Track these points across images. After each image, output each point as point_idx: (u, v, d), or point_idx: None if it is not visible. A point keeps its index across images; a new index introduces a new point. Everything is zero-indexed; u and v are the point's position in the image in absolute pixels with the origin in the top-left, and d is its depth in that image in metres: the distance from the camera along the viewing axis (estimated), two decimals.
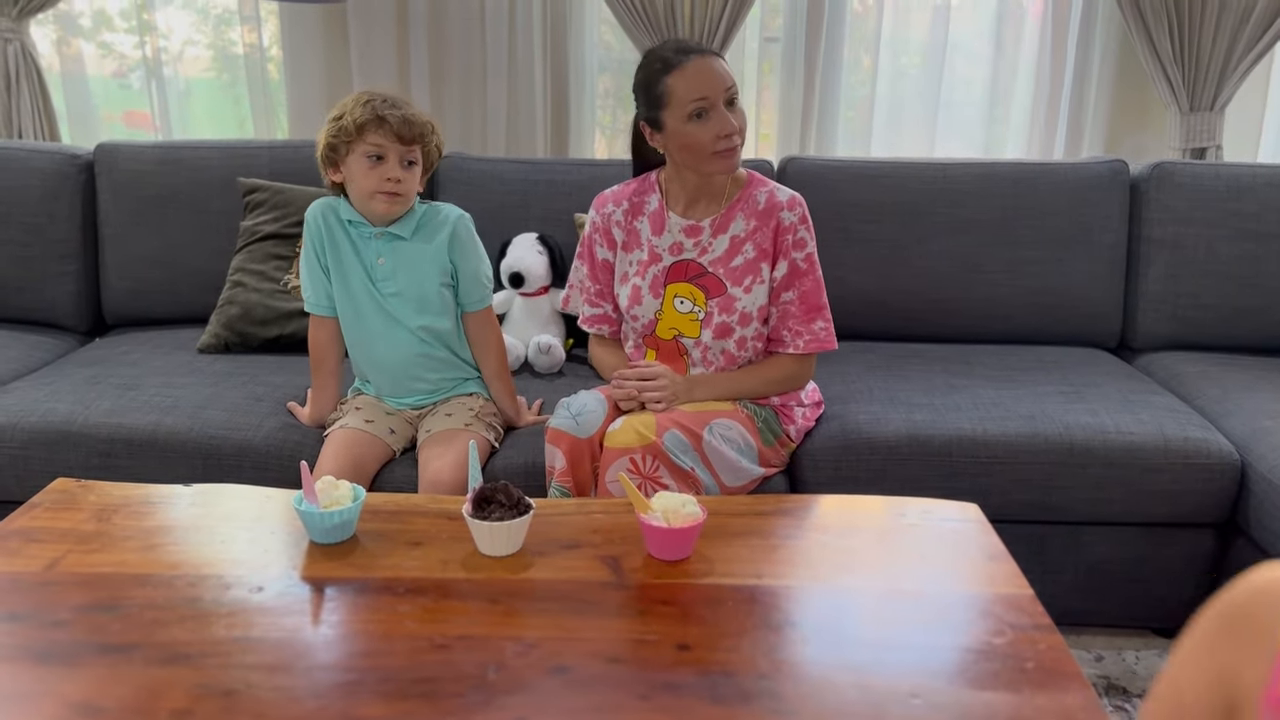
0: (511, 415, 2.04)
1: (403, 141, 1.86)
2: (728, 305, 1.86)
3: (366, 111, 1.84)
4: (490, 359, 2.02)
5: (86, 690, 1.11)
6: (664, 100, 1.77)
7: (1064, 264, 2.49)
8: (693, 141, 1.77)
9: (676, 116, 1.77)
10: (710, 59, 1.77)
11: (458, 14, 3.06)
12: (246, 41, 3.22)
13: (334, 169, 1.91)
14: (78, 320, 2.66)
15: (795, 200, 1.88)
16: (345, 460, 1.85)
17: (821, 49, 3.04)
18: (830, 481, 1.97)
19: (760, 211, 1.87)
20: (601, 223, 1.97)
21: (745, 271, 1.86)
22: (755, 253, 1.86)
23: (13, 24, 2.96)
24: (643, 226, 1.93)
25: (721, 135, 1.76)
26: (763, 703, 1.10)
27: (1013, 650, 1.19)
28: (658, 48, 1.83)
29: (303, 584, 1.33)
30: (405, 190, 1.89)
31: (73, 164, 2.62)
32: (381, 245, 1.94)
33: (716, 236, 1.88)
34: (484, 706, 1.09)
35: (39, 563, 1.36)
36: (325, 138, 1.89)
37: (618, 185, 1.99)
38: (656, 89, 1.78)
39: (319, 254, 1.96)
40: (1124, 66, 3.04)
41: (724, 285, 1.87)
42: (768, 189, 1.89)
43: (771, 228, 1.87)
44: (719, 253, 1.88)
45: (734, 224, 1.87)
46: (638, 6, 2.86)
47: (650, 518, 1.37)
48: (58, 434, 2.01)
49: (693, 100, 1.75)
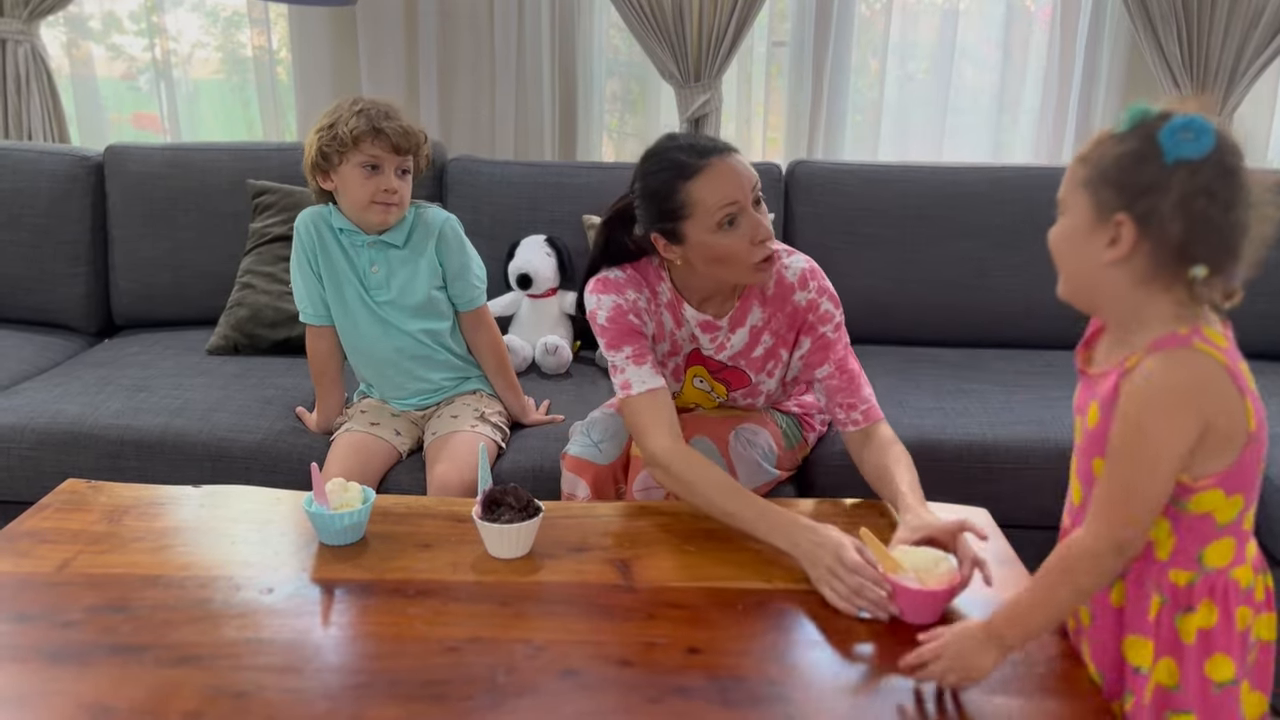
0: (517, 412, 2.04)
1: (399, 152, 1.86)
2: (753, 392, 1.78)
3: (362, 122, 1.82)
4: (488, 357, 2.03)
5: (98, 690, 1.11)
6: (685, 211, 1.54)
7: None
8: (726, 253, 1.56)
9: (702, 227, 1.54)
10: (732, 157, 1.56)
11: (466, 17, 3.07)
12: (255, 44, 3.23)
13: (325, 177, 1.90)
14: (87, 322, 2.67)
15: (805, 276, 1.68)
16: (352, 464, 1.85)
17: (829, 53, 3.04)
18: (840, 486, 1.96)
19: (772, 298, 1.70)
20: (628, 305, 1.65)
21: (767, 358, 1.75)
22: (774, 340, 1.73)
23: (23, 26, 2.97)
24: (665, 318, 1.72)
25: (757, 241, 1.55)
26: (773, 707, 1.10)
27: (1024, 655, 1.19)
28: (665, 149, 1.59)
29: (313, 586, 1.33)
30: (401, 200, 1.89)
31: (82, 166, 2.63)
32: (375, 253, 1.95)
33: (734, 331, 1.71)
34: (494, 709, 1.09)
35: (50, 564, 1.36)
36: (317, 145, 1.87)
37: (617, 272, 1.69)
38: (674, 199, 1.54)
39: (311, 263, 1.95)
40: (1132, 71, 3.04)
41: (747, 376, 1.76)
42: (775, 270, 1.68)
43: (787, 314, 1.70)
44: (738, 347, 1.72)
45: (750, 315, 1.71)
46: (646, 11, 2.86)
47: (902, 578, 1.26)
48: (67, 435, 2.01)
49: (722, 208, 1.52)
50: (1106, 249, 1.08)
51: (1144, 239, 1.06)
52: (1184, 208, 1.04)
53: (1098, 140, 1.10)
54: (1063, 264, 1.16)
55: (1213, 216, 1.04)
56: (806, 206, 2.57)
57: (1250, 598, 1.14)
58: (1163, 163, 1.04)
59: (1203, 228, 1.04)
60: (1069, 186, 1.12)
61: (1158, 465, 1.06)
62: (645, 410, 1.58)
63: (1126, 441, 1.08)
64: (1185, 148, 1.03)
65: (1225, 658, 1.11)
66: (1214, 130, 1.04)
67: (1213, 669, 1.11)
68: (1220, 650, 1.11)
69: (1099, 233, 1.09)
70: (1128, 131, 1.07)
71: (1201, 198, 1.04)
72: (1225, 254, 1.06)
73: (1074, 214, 1.11)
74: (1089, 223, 1.09)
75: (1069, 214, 1.13)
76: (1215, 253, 1.05)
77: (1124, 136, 1.07)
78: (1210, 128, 1.04)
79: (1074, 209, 1.11)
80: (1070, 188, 1.12)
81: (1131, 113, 1.08)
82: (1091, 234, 1.09)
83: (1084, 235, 1.10)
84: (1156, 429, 1.06)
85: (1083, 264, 1.12)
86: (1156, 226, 1.05)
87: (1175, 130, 1.04)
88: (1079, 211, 1.10)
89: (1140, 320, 1.10)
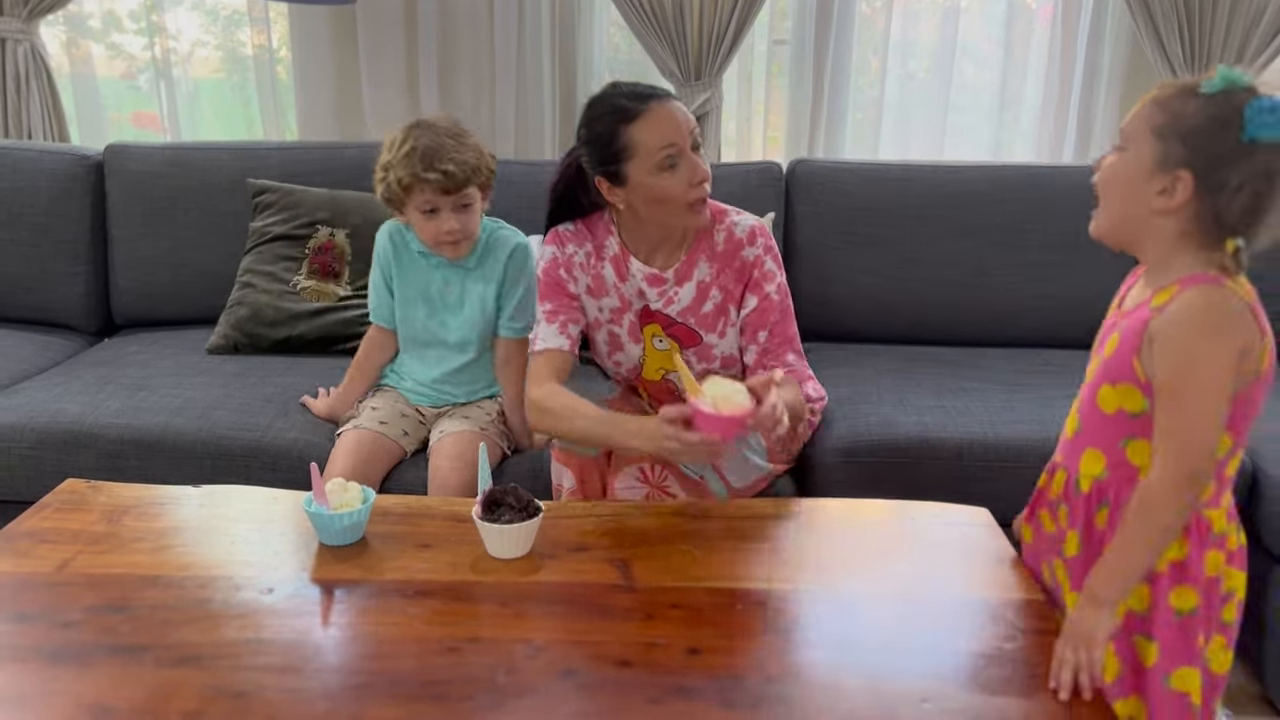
0: (524, 443, 2.03)
1: (449, 194, 1.84)
2: (705, 353, 1.80)
3: (407, 171, 1.81)
4: (514, 387, 2.00)
5: (98, 690, 1.11)
6: (626, 153, 1.63)
7: (1074, 267, 2.48)
8: (664, 194, 1.64)
9: (643, 169, 1.63)
10: (671, 103, 1.64)
11: (466, 16, 3.06)
12: (255, 43, 3.22)
13: (399, 213, 1.93)
14: (87, 321, 2.67)
15: (754, 232, 1.76)
16: (356, 460, 1.86)
17: (830, 51, 3.04)
18: (839, 485, 1.96)
19: (721, 254, 1.76)
20: (564, 259, 1.78)
21: (717, 315, 1.78)
22: (722, 296, 1.77)
23: (22, 25, 2.97)
24: (607, 272, 1.79)
25: (694, 183, 1.64)
26: (773, 707, 1.10)
27: (1024, 655, 1.19)
28: (607, 95, 1.68)
29: (313, 586, 1.33)
30: (467, 233, 1.90)
31: (82, 165, 2.63)
32: (449, 274, 1.98)
33: (682, 285, 1.77)
34: (494, 709, 1.09)
35: (49, 564, 1.36)
36: (380, 189, 1.88)
37: (568, 225, 1.81)
38: (617, 142, 1.63)
39: (386, 277, 2.01)
40: (1134, 69, 3.03)
41: (698, 334, 1.79)
42: (725, 226, 1.77)
43: (735, 269, 1.76)
44: (686, 301, 1.77)
45: (697, 269, 1.77)
46: (647, 9, 2.86)
47: (700, 402, 1.39)
48: (67, 435, 2.01)
49: (661, 149, 1.61)
50: (1157, 196, 1.14)
51: (1198, 200, 1.12)
52: (1248, 186, 1.09)
53: (1181, 90, 1.14)
54: (1107, 198, 1.21)
55: (1265, 198, 1.10)
56: (807, 205, 2.57)
57: (1223, 543, 1.22)
58: (1240, 136, 1.09)
59: (1255, 206, 1.10)
60: (1137, 125, 1.16)
61: (1212, 386, 1.12)
62: (538, 366, 1.75)
63: (1179, 372, 1.13)
64: (1267, 129, 1.07)
65: (1190, 590, 1.20)
66: None
67: (1177, 598, 1.20)
68: (1189, 583, 1.20)
69: (1155, 179, 1.14)
70: (1216, 94, 1.10)
71: (1264, 180, 1.09)
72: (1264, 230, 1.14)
73: (1135, 154, 1.16)
74: (1149, 167, 1.14)
75: (1130, 152, 1.17)
76: (1255, 228, 1.13)
77: (1211, 99, 1.11)
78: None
79: (1137, 149, 1.16)
80: (1138, 126, 1.16)
81: (1222, 75, 1.11)
82: (1149, 178, 1.14)
83: (1141, 177, 1.15)
84: (1205, 352, 1.12)
85: (1128, 203, 1.18)
86: (1216, 194, 1.11)
87: (1262, 110, 1.07)
88: (1141, 153, 1.15)
89: (1171, 263, 1.18)
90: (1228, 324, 1.12)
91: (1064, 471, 1.33)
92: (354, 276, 2.46)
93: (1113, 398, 1.23)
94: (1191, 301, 1.13)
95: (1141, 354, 1.17)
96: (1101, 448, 1.26)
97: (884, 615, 1.28)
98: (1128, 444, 1.23)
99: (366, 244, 2.43)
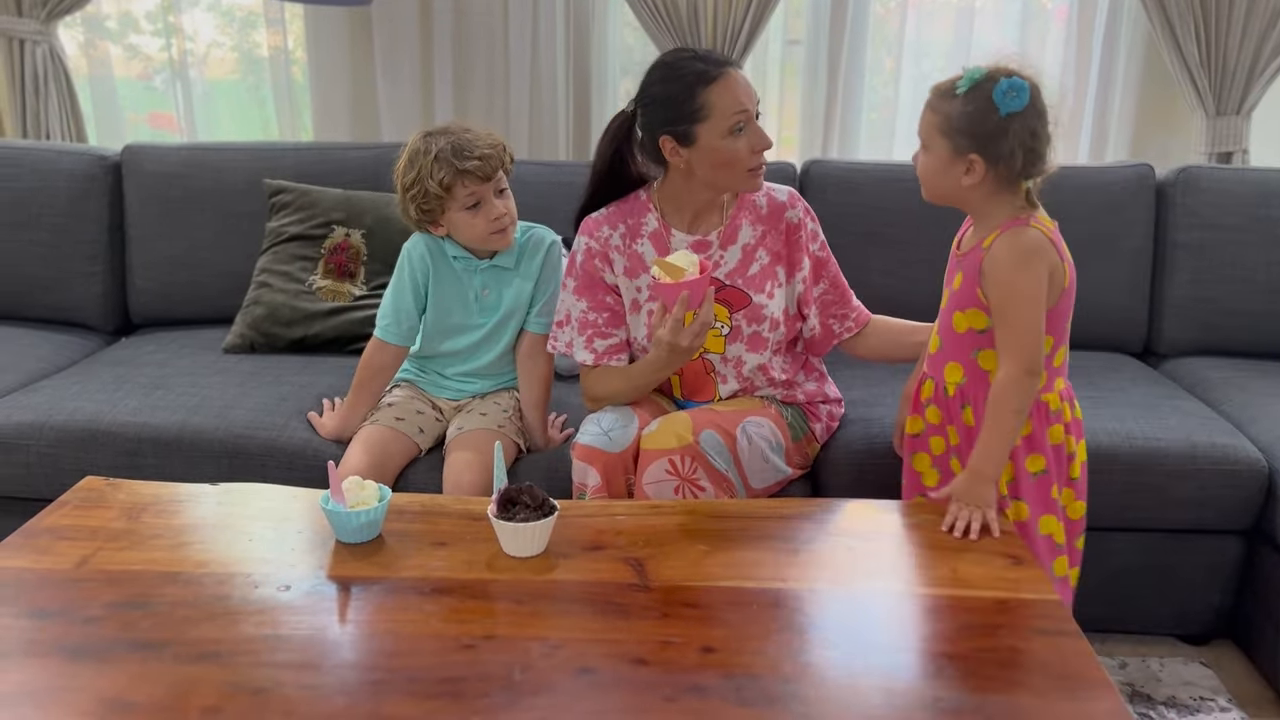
0: (540, 443, 2.02)
1: (488, 180, 1.87)
2: (755, 315, 1.83)
3: (445, 169, 1.83)
4: (536, 386, 2.00)
5: (118, 686, 1.12)
6: (700, 113, 1.69)
7: (1089, 268, 2.45)
8: (730, 157, 1.72)
9: (715, 131, 1.70)
10: (741, 73, 1.74)
11: (481, 18, 3.07)
12: (271, 44, 3.24)
13: (434, 226, 1.93)
14: (104, 320, 2.69)
15: (794, 196, 1.87)
16: (371, 457, 1.87)
17: (844, 52, 3.04)
18: (853, 485, 1.96)
19: (765, 216, 1.85)
20: (599, 247, 1.84)
21: (764, 278, 1.84)
22: (769, 258, 1.84)
23: (41, 26, 2.99)
24: (644, 249, 1.84)
25: (757, 150, 1.73)
26: (787, 706, 1.10)
27: (1038, 655, 1.19)
28: (684, 58, 1.74)
29: (330, 583, 1.34)
30: (513, 216, 1.93)
31: (100, 165, 2.64)
32: (487, 277, 1.99)
33: (727, 248, 1.84)
34: (510, 707, 1.09)
35: (69, 560, 1.38)
36: (413, 206, 1.88)
37: (604, 209, 1.87)
38: (693, 102, 1.69)
39: (419, 289, 1.98)
40: (1150, 70, 3.02)
41: (747, 295, 1.83)
42: (764, 191, 1.86)
43: (781, 230, 1.85)
44: (732, 264, 1.84)
45: (741, 233, 1.84)
46: (661, 9, 2.86)
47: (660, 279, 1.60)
48: (85, 433, 2.03)
49: (735, 114, 1.69)
50: (964, 176, 1.51)
51: (991, 169, 1.49)
52: (1020, 146, 1.46)
53: (941, 95, 1.50)
54: (929, 185, 1.57)
55: (1036, 147, 1.48)
56: (821, 206, 2.53)
57: (1060, 418, 1.59)
58: (998, 116, 1.45)
59: (1031, 155, 1.48)
60: (928, 130, 1.53)
61: (1033, 302, 1.50)
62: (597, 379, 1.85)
63: (1007, 295, 1.51)
64: (1012, 103, 1.44)
65: (1039, 456, 1.58)
66: (1029, 86, 1.44)
67: (1031, 464, 1.58)
68: (1037, 451, 1.58)
69: (956, 165, 1.50)
70: (968, 93, 1.46)
71: (1029, 137, 1.46)
72: (1043, 164, 1.50)
73: (935, 152, 1.52)
74: (947, 158, 1.51)
75: (931, 151, 1.53)
76: (1037, 167, 1.50)
77: (967, 97, 1.46)
78: (1026, 85, 1.44)
79: (934, 148, 1.52)
80: (929, 131, 1.53)
81: (967, 76, 1.47)
82: (951, 166, 1.51)
83: (946, 167, 1.52)
84: (1022, 278, 1.50)
85: (946, 186, 1.54)
86: (1000, 161, 1.47)
87: (1004, 92, 1.44)
88: (939, 151, 1.52)
89: (990, 215, 1.55)
90: (1035, 256, 1.50)
91: (931, 381, 1.67)
92: (369, 276, 2.47)
93: (963, 320, 1.59)
94: (1008, 241, 1.51)
95: (981, 285, 1.53)
96: (959, 360, 1.62)
97: (897, 614, 1.28)
98: (978, 354, 1.59)
99: (382, 244, 2.45)
